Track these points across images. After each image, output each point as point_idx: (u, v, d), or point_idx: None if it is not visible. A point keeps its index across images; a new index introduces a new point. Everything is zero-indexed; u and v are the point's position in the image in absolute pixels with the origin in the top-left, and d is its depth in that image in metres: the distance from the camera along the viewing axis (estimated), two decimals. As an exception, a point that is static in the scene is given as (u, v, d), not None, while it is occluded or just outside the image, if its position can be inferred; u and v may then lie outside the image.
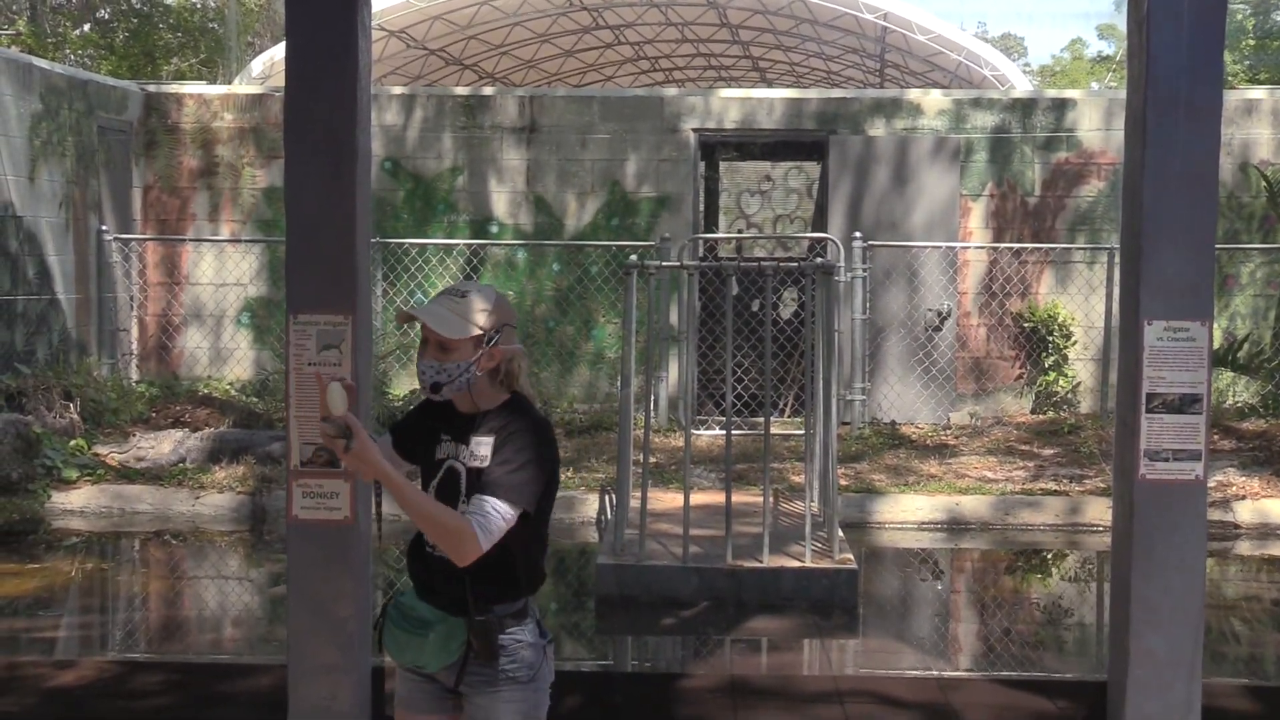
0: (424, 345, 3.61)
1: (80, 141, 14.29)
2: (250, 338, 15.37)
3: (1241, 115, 14.63)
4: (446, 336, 3.55)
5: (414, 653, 3.62)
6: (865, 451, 12.55)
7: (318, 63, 4.98)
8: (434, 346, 3.58)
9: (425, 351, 3.60)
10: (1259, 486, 11.03)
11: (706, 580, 8.25)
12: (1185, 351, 4.96)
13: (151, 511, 10.75)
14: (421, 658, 3.62)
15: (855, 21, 28.17)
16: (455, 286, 3.69)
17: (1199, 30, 4.90)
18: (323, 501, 4.97)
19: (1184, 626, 5.01)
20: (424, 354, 3.60)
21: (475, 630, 3.59)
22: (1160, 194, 4.94)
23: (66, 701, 5.91)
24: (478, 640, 3.59)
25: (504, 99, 15.28)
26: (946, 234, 14.54)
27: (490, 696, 3.63)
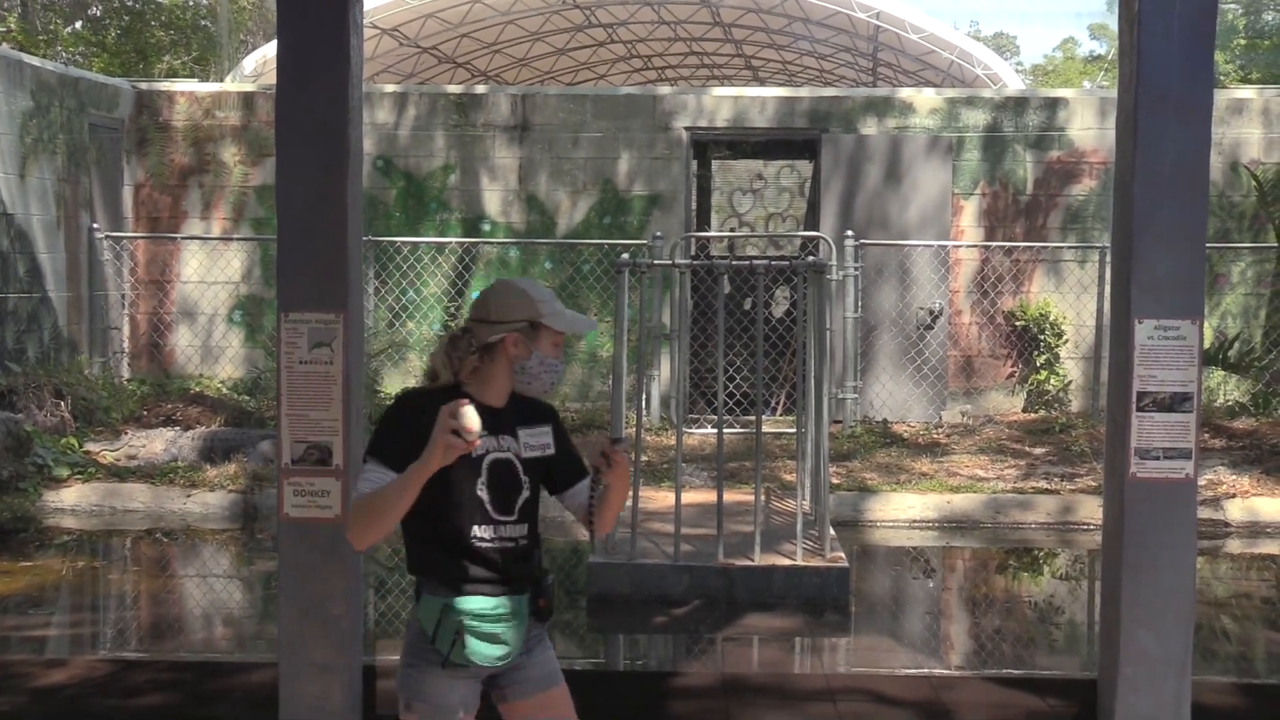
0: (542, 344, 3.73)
1: (71, 139, 14.27)
2: (242, 336, 15.35)
3: (1232, 114, 14.66)
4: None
5: (504, 648, 3.68)
6: (857, 450, 12.56)
7: (310, 60, 4.98)
8: (557, 346, 3.75)
9: (551, 351, 3.74)
10: (1249, 485, 11.05)
11: (698, 578, 8.25)
12: (1176, 350, 4.97)
13: (143, 510, 10.73)
14: (510, 649, 3.69)
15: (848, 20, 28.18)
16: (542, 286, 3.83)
17: (1190, 30, 4.91)
18: (314, 500, 4.97)
19: (1174, 624, 5.03)
20: (550, 353, 3.74)
21: (546, 593, 3.80)
22: (1151, 193, 4.95)
23: (58, 700, 5.90)
24: (548, 601, 3.80)
25: (496, 97, 15.27)
26: (938, 232, 14.55)
27: (546, 646, 3.89)
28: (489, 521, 3.70)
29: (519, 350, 3.71)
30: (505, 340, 3.69)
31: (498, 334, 3.68)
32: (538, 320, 3.71)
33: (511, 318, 3.70)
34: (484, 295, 3.77)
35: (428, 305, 15.12)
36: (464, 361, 3.69)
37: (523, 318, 3.70)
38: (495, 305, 3.71)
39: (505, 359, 3.72)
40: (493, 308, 3.71)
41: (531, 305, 3.72)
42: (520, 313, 3.70)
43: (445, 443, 3.34)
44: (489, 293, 3.77)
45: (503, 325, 3.69)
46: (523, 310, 3.71)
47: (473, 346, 3.69)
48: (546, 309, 3.73)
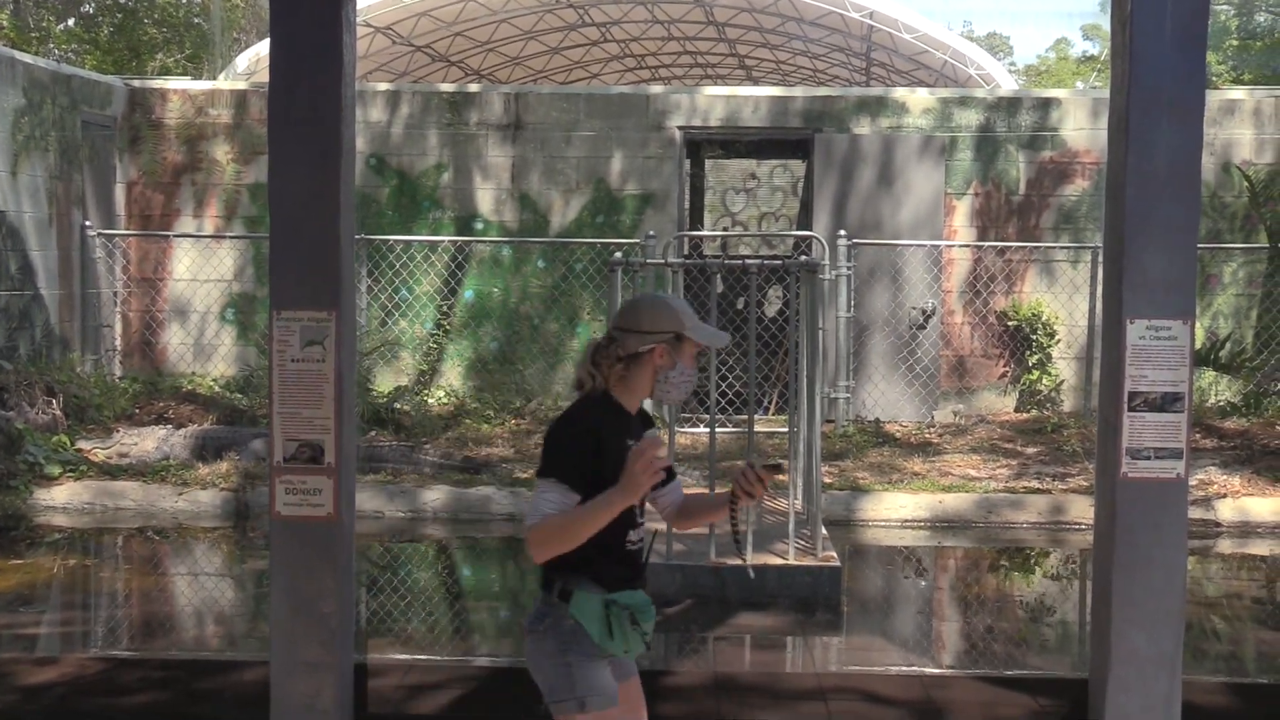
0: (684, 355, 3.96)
1: (64, 136, 14.24)
2: (234, 334, 15.34)
3: (1224, 115, 14.68)
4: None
5: (646, 637, 4.01)
6: (849, 449, 12.57)
7: (302, 58, 4.98)
8: (694, 358, 3.99)
9: (689, 363, 3.97)
10: (1240, 485, 11.07)
11: (690, 577, 8.26)
12: (1167, 350, 4.98)
13: (134, 508, 10.72)
14: (648, 638, 4.04)
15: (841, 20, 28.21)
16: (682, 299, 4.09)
17: (1182, 31, 4.92)
18: (306, 498, 4.97)
19: (1165, 624, 5.03)
20: (689, 364, 3.97)
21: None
22: (1143, 193, 4.96)
23: (48, 698, 5.90)
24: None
25: (489, 96, 15.27)
26: (931, 232, 14.57)
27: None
28: (635, 525, 3.96)
29: (664, 361, 3.93)
30: (654, 351, 3.91)
31: (647, 344, 3.90)
32: (683, 333, 3.93)
33: (660, 329, 3.91)
34: (633, 307, 4.00)
35: (420, 304, 15.11)
36: (611, 369, 3.91)
37: (670, 330, 3.92)
38: (646, 316, 3.93)
39: (650, 368, 3.93)
40: (643, 319, 3.92)
41: (677, 318, 3.94)
42: (668, 325, 3.92)
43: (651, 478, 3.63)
44: (639, 305, 4.00)
45: (652, 336, 3.90)
46: (670, 323, 3.92)
47: (620, 355, 3.91)
48: (690, 322, 3.96)
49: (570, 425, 3.87)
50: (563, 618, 3.86)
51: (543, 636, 3.90)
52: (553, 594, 3.87)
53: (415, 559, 10.22)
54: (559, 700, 3.86)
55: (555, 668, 3.87)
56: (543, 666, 3.91)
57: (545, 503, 3.73)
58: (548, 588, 3.89)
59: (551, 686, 3.88)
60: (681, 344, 3.95)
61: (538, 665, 3.93)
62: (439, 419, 13.60)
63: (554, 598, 3.87)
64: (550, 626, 3.88)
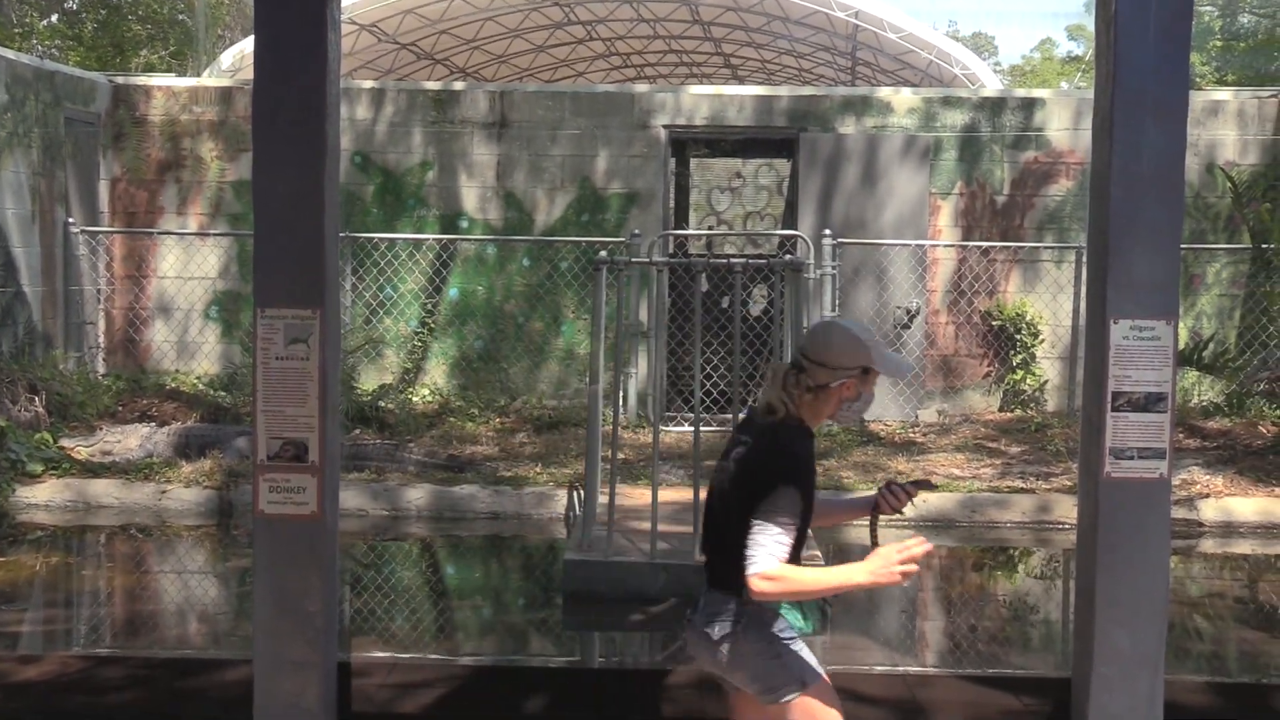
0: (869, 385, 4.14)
1: (47, 133, 14.20)
2: (218, 331, 15.30)
3: (1208, 116, 14.73)
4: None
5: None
6: (834, 448, 12.59)
7: (287, 56, 4.96)
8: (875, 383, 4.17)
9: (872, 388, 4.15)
10: (1223, 485, 11.10)
11: (675, 576, 8.25)
12: (1151, 350, 4.99)
13: (117, 506, 10.69)
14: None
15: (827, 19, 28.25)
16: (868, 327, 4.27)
17: (1166, 31, 4.93)
18: (290, 496, 4.96)
19: (1148, 623, 5.05)
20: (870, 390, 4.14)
21: None
22: (1127, 194, 4.97)
23: (30, 696, 5.88)
24: None
25: (474, 94, 15.25)
26: (916, 232, 14.59)
27: None
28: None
29: (851, 394, 4.11)
30: (843, 385, 4.09)
31: (838, 379, 4.08)
32: (870, 366, 4.10)
33: (851, 365, 4.08)
34: (825, 339, 4.14)
35: (405, 302, 15.09)
36: (801, 398, 4.08)
37: (859, 365, 4.09)
38: (836, 352, 4.08)
39: (836, 399, 4.10)
40: (834, 354, 4.08)
41: (867, 354, 4.10)
42: (858, 360, 4.09)
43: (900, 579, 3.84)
44: (830, 338, 4.14)
45: (842, 371, 4.07)
46: (860, 359, 4.09)
47: (809, 385, 4.08)
48: (877, 355, 4.11)
49: (786, 458, 4.01)
50: (762, 611, 4.04)
51: (741, 636, 4.04)
52: (743, 595, 3.96)
53: (399, 557, 10.21)
54: (779, 688, 4.02)
55: (766, 661, 4.04)
56: (749, 664, 4.05)
57: (776, 544, 3.87)
58: (730, 590, 4.03)
59: (766, 680, 4.04)
60: (868, 375, 4.12)
61: (740, 664, 4.06)
62: (423, 417, 13.58)
63: (744, 597, 3.97)
64: (748, 624, 4.04)
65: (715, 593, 4.13)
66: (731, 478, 4.11)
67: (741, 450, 4.13)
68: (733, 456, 4.16)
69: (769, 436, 4.07)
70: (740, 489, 4.03)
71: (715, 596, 4.12)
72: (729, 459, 4.17)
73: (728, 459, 4.18)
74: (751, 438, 4.13)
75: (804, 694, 4.03)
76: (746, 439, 4.15)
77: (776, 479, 3.95)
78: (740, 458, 4.11)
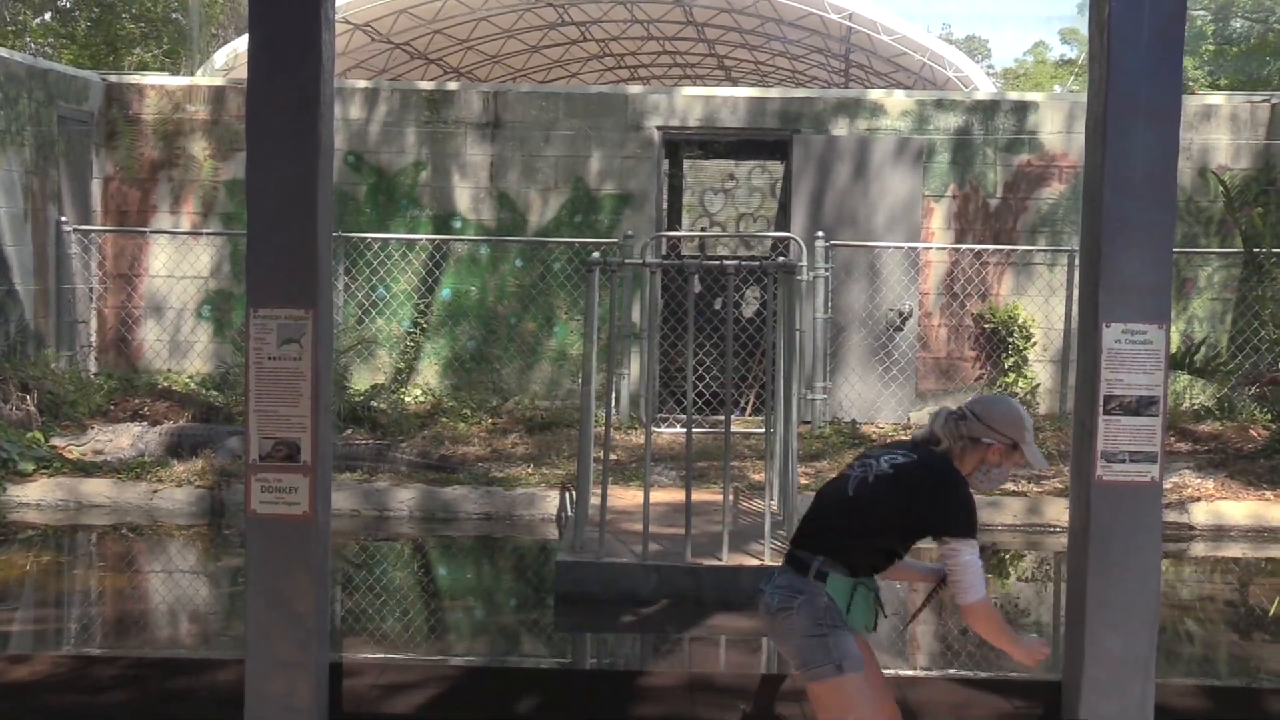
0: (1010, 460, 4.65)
1: (40, 131, 14.17)
2: (211, 331, 15.28)
3: (1200, 120, 14.75)
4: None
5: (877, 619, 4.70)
6: (826, 450, 12.59)
7: (281, 55, 4.96)
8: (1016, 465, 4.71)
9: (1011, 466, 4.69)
10: (1214, 488, 11.12)
11: (666, 578, 8.25)
12: (1143, 354, 5.00)
13: (109, 505, 10.67)
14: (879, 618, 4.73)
15: (820, 21, 28.25)
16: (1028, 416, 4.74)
17: (1159, 35, 4.94)
18: (281, 496, 4.95)
19: (1139, 626, 5.05)
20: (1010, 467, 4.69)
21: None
22: (1119, 197, 4.98)
23: (21, 696, 5.87)
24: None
25: (468, 94, 15.25)
26: (908, 234, 14.60)
27: None
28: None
29: (994, 459, 4.61)
30: (992, 447, 4.59)
31: (990, 439, 4.58)
32: (1020, 444, 4.60)
33: (1005, 433, 4.59)
34: (995, 404, 4.71)
35: (397, 302, 15.09)
36: (956, 441, 4.57)
37: (1012, 438, 4.59)
38: (999, 417, 4.60)
39: (980, 456, 4.60)
40: (996, 418, 4.60)
41: (1022, 433, 4.61)
42: (1012, 434, 4.60)
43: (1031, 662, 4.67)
44: (1000, 404, 4.73)
45: (995, 434, 4.58)
46: (1015, 433, 4.60)
47: (965, 434, 4.58)
48: (1028, 438, 4.61)
49: (965, 486, 4.54)
50: (817, 595, 4.41)
51: (795, 613, 4.41)
52: (808, 575, 4.43)
53: (391, 558, 10.21)
54: (817, 666, 4.37)
55: (810, 640, 4.39)
56: (795, 640, 4.42)
57: (980, 571, 4.44)
58: (801, 569, 4.46)
59: (807, 657, 4.39)
60: (1014, 451, 4.60)
61: (788, 638, 4.45)
62: (415, 418, 13.57)
63: (810, 579, 4.43)
64: (804, 604, 4.40)
65: (788, 570, 4.51)
66: (893, 483, 4.48)
67: (904, 463, 4.53)
68: (887, 461, 4.55)
69: (944, 463, 4.56)
70: (915, 501, 4.46)
71: (788, 572, 4.50)
72: (880, 462, 4.56)
73: (878, 461, 4.57)
74: (918, 456, 4.56)
75: (839, 677, 4.35)
76: (909, 455, 4.57)
77: (962, 501, 4.49)
78: (906, 469, 4.51)
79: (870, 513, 4.48)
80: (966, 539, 4.42)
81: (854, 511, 4.50)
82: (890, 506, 4.46)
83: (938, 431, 4.59)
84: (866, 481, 4.51)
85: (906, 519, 4.48)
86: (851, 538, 4.48)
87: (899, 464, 4.52)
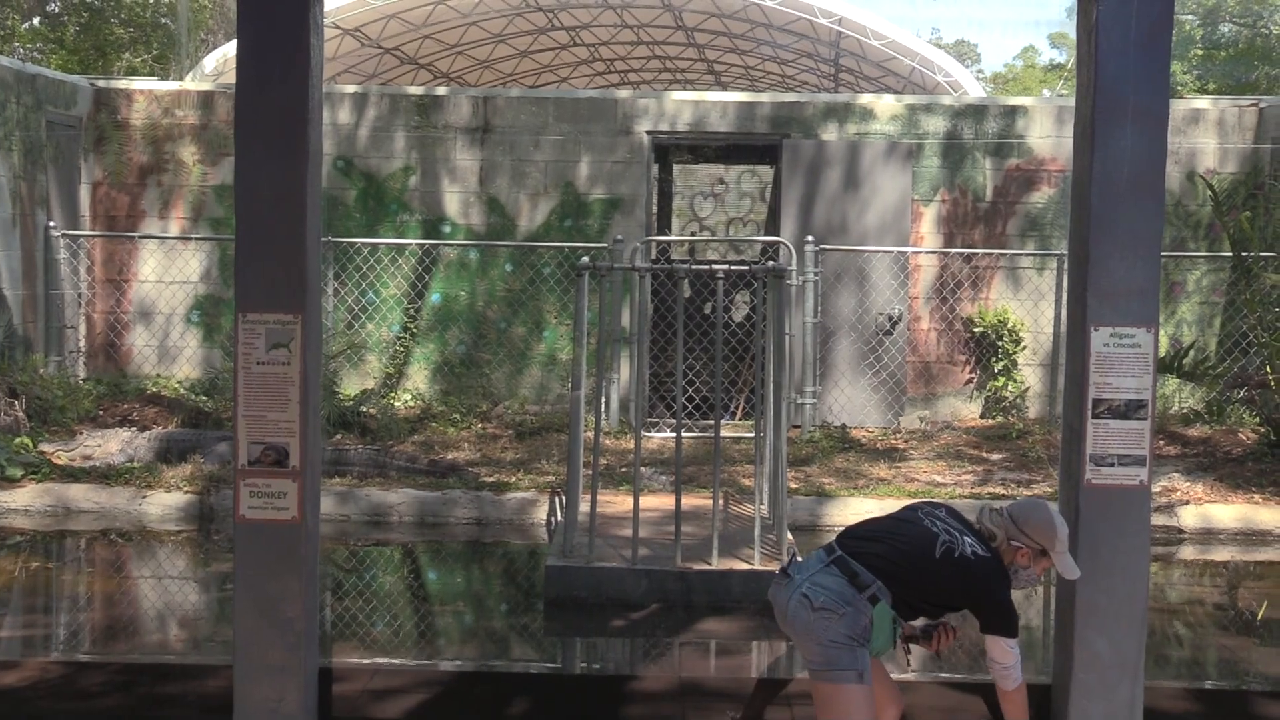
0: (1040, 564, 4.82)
1: (28, 136, 14.15)
2: (200, 336, 15.26)
3: (1188, 124, 14.79)
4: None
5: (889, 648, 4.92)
6: (815, 455, 12.60)
7: (269, 60, 4.96)
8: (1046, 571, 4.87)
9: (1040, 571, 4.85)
10: (1203, 491, 11.13)
11: (656, 582, 8.25)
12: (1131, 358, 5.01)
13: (97, 511, 10.65)
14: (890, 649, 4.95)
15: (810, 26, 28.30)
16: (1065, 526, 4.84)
17: (1147, 40, 4.95)
18: (270, 501, 4.95)
19: (1128, 629, 5.07)
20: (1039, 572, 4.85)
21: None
22: (1107, 201, 4.99)
23: (9, 702, 5.85)
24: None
25: (457, 99, 15.25)
26: (898, 238, 14.62)
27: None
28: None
29: (1024, 561, 4.79)
30: (1020, 550, 4.77)
31: (1019, 542, 4.77)
32: (1049, 551, 4.76)
33: (1034, 538, 4.76)
34: (1033, 509, 4.83)
35: (387, 306, 15.08)
36: (997, 539, 4.82)
37: (1040, 544, 4.76)
38: (1032, 523, 4.77)
39: (1011, 556, 4.79)
40: (1029, 523, 4.77)
41: (1052, 541, 4.75)
42: (1041, 540, 4.76)
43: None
44: (1038, 510, 4.81)
45: (1024, 539, 4.77)
46: (1044, 540, 4.75)
47: (996, 533, 4.81)
48: (1060, 547, 4.75)
49: (1009, 582, 4.81)
50: (863, 613, 4.66)
51: (839, 618, 4.65)
52: (862, 593, 4.69)
53: (380, 563, 10.19)
54: (841, 670, 4.62)
55: (841, 646, 4.63)
56: (825, 641, 4.65)
57: (1020, 662, 4.80)
58: (859, 587, 4.69)
59: (833, 658, 4.63)
60: (1043, 557, 4.77)
61: (818, 637, 4.66)
62: (405, 422, 13.56)
63: (863, 597, 4.68)
64: (850, 614, 4.65)
65: (841, 577, 4.72)
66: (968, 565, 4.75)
67: (983, 557, 4.78)
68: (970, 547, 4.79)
69: (999, 560, 4.81)
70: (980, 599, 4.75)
71: (839, 578, 4.72)
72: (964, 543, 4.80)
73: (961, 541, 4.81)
74: (989, 556, 4.79)
75: (857, 685, 4.60)
76: (985, 551, 4.80)
77: (1008, 598, 4.77)
78: (982, 565, 4.76)
79: (940, 586, 4.78)
80: (1012, 638, 4.76)
81: (929, 572, 4.77)
82: (958, 593, 4.77)
83: (994, 529, 4.85)
84: (951, 556, 4.76)
85: (961, 604, 4.81)
86: (915, 590, 4.77)
87: (979, 555, 4.77)
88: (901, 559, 4.77)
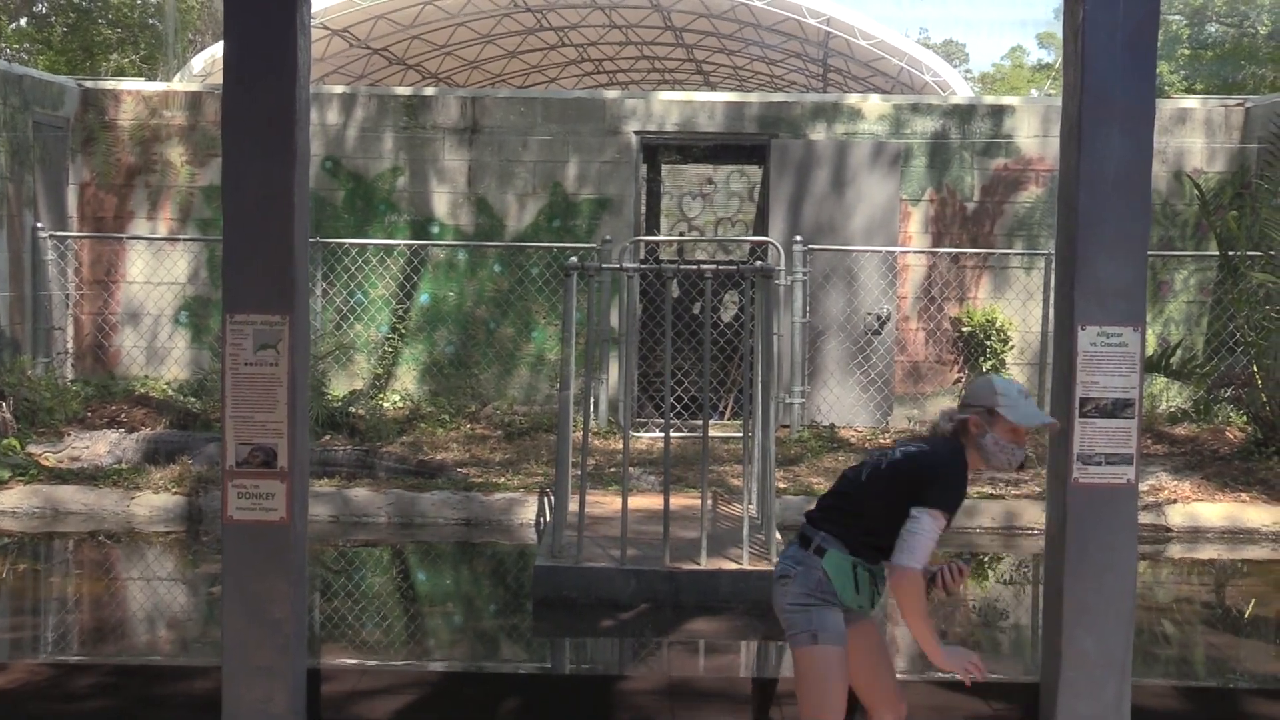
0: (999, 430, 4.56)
1: (15, 137, 14.11)
2: (188, 337, 15.24)
3: (1175, 124, 14.83)
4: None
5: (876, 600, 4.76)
6: (803, 454, 12.61)
7: (257, 60, 4.96)
8: (1015, 434, 4.58)
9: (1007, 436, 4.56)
10: (1190, 490, 11.17)
11: (645, 582, 8.26)
12: (1118, 356, 5.02)
13: (85, 512, 10.63)
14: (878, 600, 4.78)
15: (798, 26, 28.32)
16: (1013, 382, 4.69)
17: (1133, 40, 4.97)
18: (258, 502, 4.95)
19: (1115, 628, 5.08)
20: (1005, 437, 4.56)
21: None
22: (1095, 200, 5.00)
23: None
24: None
25: (446, 99, 15.24)
26: (886, 238, 14.64)
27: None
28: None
29: (977, 431, 4.57)
30: (968, 420, 4.59)
31: (961, 415, 4.63)
32: (994, 409, 4.55)
33: (975, 403, 4.61)
34: (971, 382, 4.72)
35: (375, 307, 15.06)
36: (942, 428, 4.67)
37: (982, 405, 4.58)
38: (971, 391, 4.66)
39: (970, 435, 4.59)
40: (970, 394, 4.67)
41: (992, 396, 4.57)
42: (981, 400, 4.59)
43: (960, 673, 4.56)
44: (977, 379, 4.74)
45: (969, 409, 4.62)
46: (984, 399, 4.59)
47: (950, 417, 4.66)
48: (1005, 401, 4.55)
49: (959, 465, 4.57)
50: (814, 568, 4.60)
51: (791, 581, 4.62)
52: (809, 549, 4.63)
53: (369, 564, 10.19)
54: (795, 633, 4.57)
55: (796, 607, 4.57)
56: (785, 607, 4.61)
57: (928, 541, 4.43)
58: (804, 543, 4.67)
59: (790, 622, 4.59)
60: (994, 419, 4.55)
61: (781, 606, 4.64)
62: (393, 423, 13.55)
63: (810, 553, 4.63)
64: (801, 575, 4.61)
65: (795, 543, 4.72)
66: (895, 465, 4.61)
67: (915, 451, 4.64)
68: (902, 448, 4.69)
69: (944, 444, 4.63)
70: (908, 477, 4.53)
71: (794, 545, 4.72)
72: (896, 450, 4.69)
73: (895, 450, 4.70)
74: (930, 446, 4.66)
75: (812, 646, 4.52)
76: (922, 446, 4.69)
77: (948, 477, 4.51)
78: (912, 452, 4.63)
79: (878, 504, 4.59)
80: (933, 509, 4.46)
81: (862, 498, 4.64)
82: (895, 492, 4.55)
83: (940, 420, 4.72)
84: (879, 468, 4.65)
85: (903, 504, 4.50)
86: (859, 523, 4.62)
87: (910, 452, 4.65)
88: (838, 500, 4.72)
